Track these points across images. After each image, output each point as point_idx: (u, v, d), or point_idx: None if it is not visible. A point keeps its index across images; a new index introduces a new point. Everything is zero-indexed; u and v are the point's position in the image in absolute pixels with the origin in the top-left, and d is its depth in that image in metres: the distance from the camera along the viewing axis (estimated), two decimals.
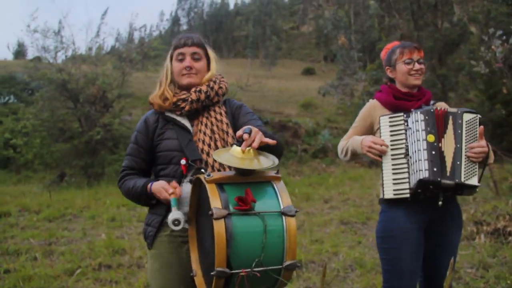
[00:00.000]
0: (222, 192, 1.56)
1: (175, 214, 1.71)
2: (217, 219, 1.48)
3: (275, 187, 1.65)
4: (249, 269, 1.50)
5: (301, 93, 30.18)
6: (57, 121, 14.88)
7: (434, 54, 19.25)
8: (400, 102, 2.34)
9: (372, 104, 2.45)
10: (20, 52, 42.80)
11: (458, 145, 2.16)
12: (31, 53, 19.70)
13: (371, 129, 2.43)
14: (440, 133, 2.18)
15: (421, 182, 2.12)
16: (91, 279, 4.38)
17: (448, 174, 2.12)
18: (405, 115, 2.25)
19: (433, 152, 2.13)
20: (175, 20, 64.75)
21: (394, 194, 2.20)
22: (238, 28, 60.79)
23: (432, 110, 2.20)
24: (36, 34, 15.15)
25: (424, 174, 2.11)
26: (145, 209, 2.08)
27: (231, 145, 1.70)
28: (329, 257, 4.75)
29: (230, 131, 1.98)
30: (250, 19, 56.86)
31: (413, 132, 2.20)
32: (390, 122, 2.27)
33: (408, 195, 2.17)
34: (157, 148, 1.96)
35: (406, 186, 2.18)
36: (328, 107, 25.69)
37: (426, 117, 2.19)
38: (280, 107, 26.26)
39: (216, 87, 2.01)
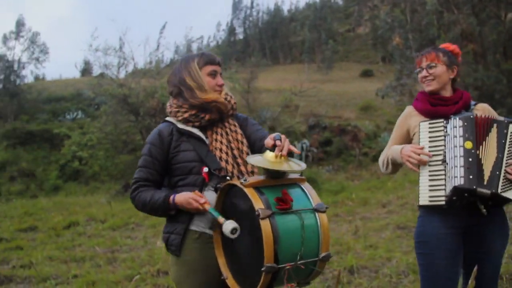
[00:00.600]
0: (261, 195, 1.69)
1: (229, 223, 1.73)
2: (263, 218, 1.61)
3: (303, 188, 1.79)
4: (293, 263, 1.63)
5: (359, 96, 29.70)
6: (120, 134, 15.60)
7: (498, 48, 18.40)
8: (437, 108, 2.30)
9: (408, 111, 2.44)
10: (86, 70, 45.05)
11: (500, 155, 2.09)
12: (96, 70, 20.77)
13: (408, 136, 2.40)
14: (479, 140, 2.12)
15: (456, 189, 2.07)
16: (149, 285, 4.57)
17: (485, 182, 2.06)
18: (445, 121, 2.21)
19: (470, 159, 2.08)
20: (231, 30, 65.87)
21: (430, 201, 2.16)
22: (294, 34, 60.81)
23: (472, 117, 2.15)
24: (98, 53, 15.97)
25: (460, 181, 2.06)
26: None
27: (264, 151, 1.83)
28: (382, 263, 4.67)
29: (245, 141, 2.08)
30: (305, 24, 56.81)
31: (451, 138, 2.15)
32: (430, 128, 2.23)
33: (443, 202, 2.12)
34: (173, 160, 2.02)
35: (442, 193, 2.12)
36: (387, 109, 25.09)
37: (465, 124, 2.13)
38: (338, 111, 25.98)
39: (232, 101, 2.13)
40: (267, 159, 1.76)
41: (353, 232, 6.26)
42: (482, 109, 2.32)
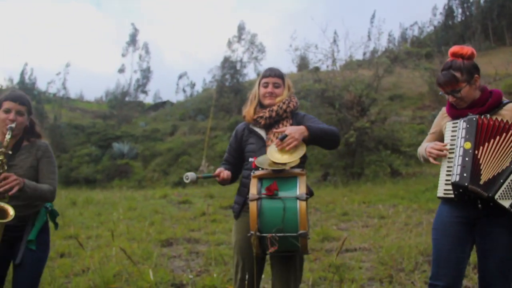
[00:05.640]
0: (259, 183, 2.41)
1: (188, 173, 2.57)
2: (252, 200, 2.33)
3: (298, 180, 2.40)
4: (273, 234, 2.29)
5: None
6: None
7: None
8: (462, 111, 2.48)
9: (442, 112, 2.66)
10: (303, 65, 47.95)
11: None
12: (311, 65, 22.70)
13: (442, 135, 2.61)
14: (479, 142, 2.30)
15: (452, 185, 2.33)
16: None
17: (481, 182, 2.25)
18: None
19: (466, 159, 2.30)
20: (448, 13, 61.16)
21: (444, 194, 2.43)
22: None
23: (474, 119, 2.34)
24: (297, 51, 17.44)
25: (455, 178, 2.31)
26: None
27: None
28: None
29: None
30: None
31: (456, 138, 2.39)
32: (452, 127, 2.47)
33: (453, 195, 2.36)
34: (244, 149, 2.77)
35: None
36: None
37: (467, 126, 2.35)
38: None
39: (285, 106, 2.70)
40: (271, 150, 2.47)
41: None
42: (510, 109, 2.40)
